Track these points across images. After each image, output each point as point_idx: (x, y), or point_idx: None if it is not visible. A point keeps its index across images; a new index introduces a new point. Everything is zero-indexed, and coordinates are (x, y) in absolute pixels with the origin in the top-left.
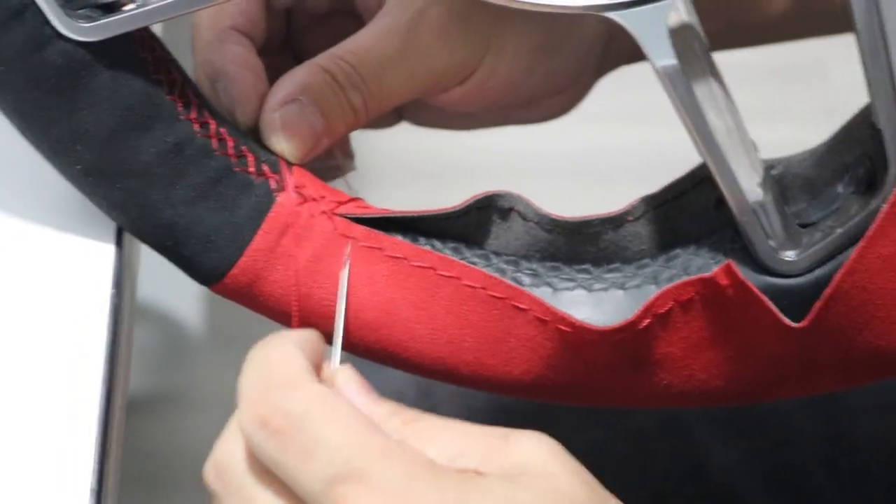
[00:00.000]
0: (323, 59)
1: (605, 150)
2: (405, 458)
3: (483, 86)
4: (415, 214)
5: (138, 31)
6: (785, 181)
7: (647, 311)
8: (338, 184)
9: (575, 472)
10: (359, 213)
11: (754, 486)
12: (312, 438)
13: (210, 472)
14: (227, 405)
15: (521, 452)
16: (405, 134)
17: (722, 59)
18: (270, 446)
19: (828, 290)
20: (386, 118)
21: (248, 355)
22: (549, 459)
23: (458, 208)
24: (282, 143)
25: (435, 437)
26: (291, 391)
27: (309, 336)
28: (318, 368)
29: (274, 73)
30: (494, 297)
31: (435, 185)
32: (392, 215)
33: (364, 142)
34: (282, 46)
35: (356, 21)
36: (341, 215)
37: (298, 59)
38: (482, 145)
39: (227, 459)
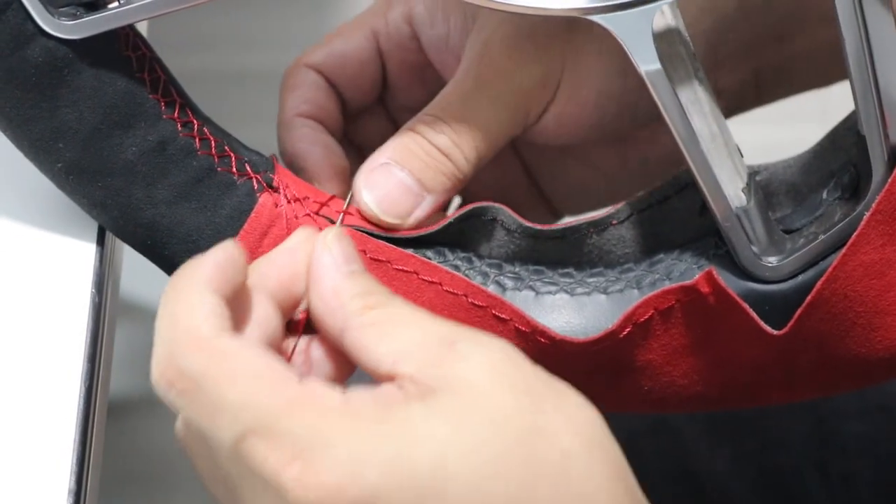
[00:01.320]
0: (410, 121)
1: None
2: (313, 408)
3: (570, 106)
4: (395, 236)
5: (122, 29)
6: (770, 187)
7: (627, 321)
8: None
9: (510, 386)
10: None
11: (743, 488)
12: (215, 398)
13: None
14: None
15: (459, 362)
16: None
17: None
18: (180, 405)
19: (809, 297)
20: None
21: (162, 294)
22: (484, 376)
23: (438, 227)
24: (372, 207)
25: (389, 333)
26: (192, 350)
27: (223, 257)
28: (237, 285)
29: None
30: (475, 304)
31: None
32: (376, 231)
33: None
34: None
35: None
36: (326, 217)
37: None
38: None
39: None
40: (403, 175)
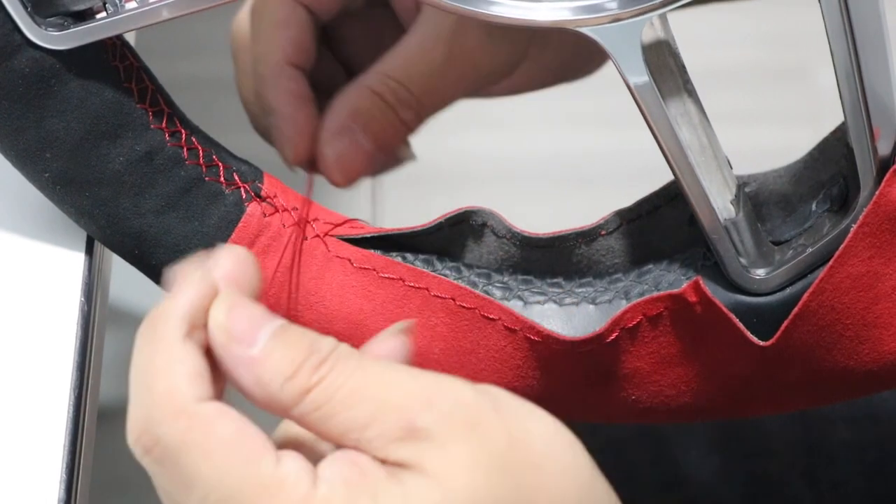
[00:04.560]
0: (371, 79)
1: (589, 155)
2: (283, 494)
3: (520, 81)
4: (385, 233)
5: (109, 39)
6: (760, 198)
7: (615, 324)
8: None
9: (484, 472)
10: (331, 229)
11: (732, 496)
12: (189, 472)
13: None
14: None
15: (423, 442)
16: None
17: (708, 62)
18: (154, 472)
19: (796, 309)
20: None
21: (135, 340)
22: (455, 461)
23: (428, 226)
24: (335, 175)
25: (339, 413)
26: (171, 419)
27: (197, 293)
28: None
29: (314, 74)
30: (463, 307)
31: (422, 190)
32: (364, 234)
33: None
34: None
35: (390, 15)
36: (312, 224)
37: (337, 57)
38: (468, 150)
39: None
40: (367, 143)
